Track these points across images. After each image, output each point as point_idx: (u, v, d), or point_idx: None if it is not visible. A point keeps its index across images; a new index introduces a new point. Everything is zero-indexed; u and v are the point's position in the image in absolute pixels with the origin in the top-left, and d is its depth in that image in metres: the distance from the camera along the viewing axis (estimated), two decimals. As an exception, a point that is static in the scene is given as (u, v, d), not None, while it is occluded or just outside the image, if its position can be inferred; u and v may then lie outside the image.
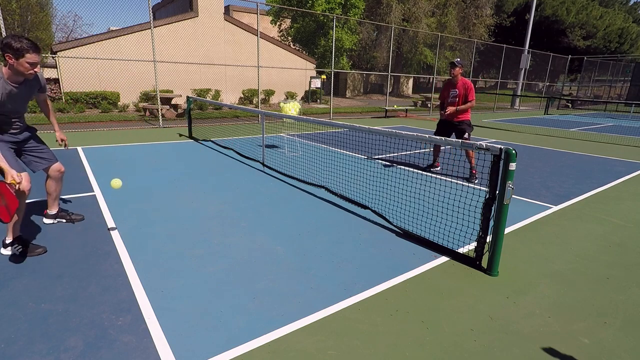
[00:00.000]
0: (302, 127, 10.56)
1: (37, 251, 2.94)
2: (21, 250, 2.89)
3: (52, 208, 3.48)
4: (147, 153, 6.75)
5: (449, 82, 5.59)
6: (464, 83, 5.39)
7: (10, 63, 2.70)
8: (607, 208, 4.52)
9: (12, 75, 2.78)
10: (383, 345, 2.05)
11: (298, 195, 4.60)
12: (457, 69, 5.38)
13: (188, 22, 15.51)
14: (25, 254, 2.88)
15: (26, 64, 2.72)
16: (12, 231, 2.88)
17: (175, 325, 2.15)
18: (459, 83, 5.44)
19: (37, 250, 2.94)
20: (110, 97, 13.55)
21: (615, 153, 8.42)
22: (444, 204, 4.33)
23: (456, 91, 5.45)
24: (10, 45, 2.64)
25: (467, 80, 5.39)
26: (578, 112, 21.87)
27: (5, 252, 2.90)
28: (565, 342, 2.13)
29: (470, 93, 5.35)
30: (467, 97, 5.38)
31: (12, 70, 2.75)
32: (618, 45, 35.86)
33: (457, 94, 5.45)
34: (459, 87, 5.43)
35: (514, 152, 2.61)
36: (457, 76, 5.43)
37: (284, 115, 5.81)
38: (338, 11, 20.71)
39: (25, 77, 2.82)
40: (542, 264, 3.06)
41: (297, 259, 2.99)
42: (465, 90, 5.37)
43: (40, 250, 2.96)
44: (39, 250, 2.95)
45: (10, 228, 2.86)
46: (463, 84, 5.39)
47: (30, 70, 2.78)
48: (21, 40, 2.68)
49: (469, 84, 5.36)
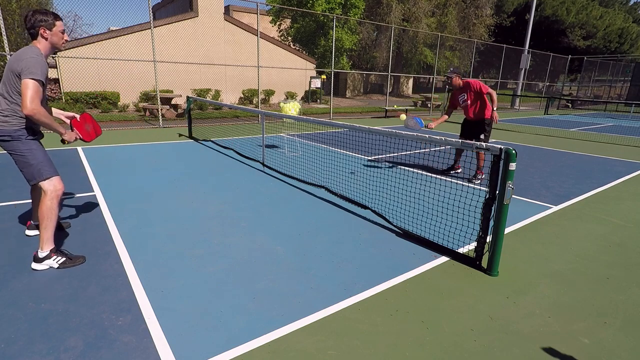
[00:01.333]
0: (302, 127, 10.55)
1: (78, 260, 2.79)
2: (62, 262, 2.71)
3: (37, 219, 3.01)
4: (147, 153, 6.75)
5: (454, 92, 5.52)
6: (468, 83, 5.34)
7: (45, 36, 2.59)
8: (607, 208, 4.52)
9: (48, 51, 2.66)
10: (383, 345, 2.05)
11: (298, 195, 4.60)
12: (455, 79, 5.36)
13: (188, 22, 15.51)
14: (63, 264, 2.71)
15: (59, 32, 2.64)
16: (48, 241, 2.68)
17: (175, 325, 2.15)
18: (463, 87, 5.40)
19: (78, 260, 2.79)
20: (110, 97, 13.55)
21: (615, 153, 8.42)
22: (444, 204, 4.33)
23: (464, 95, 5.39)
24: (42, 19, 2.54)
25: (469, 80, 5.35)
26: (578, 112, 21.86)
27: (40, 267, 2.68)
28: (565, 342, 2.13)
29: (482, 87, 5.23)
30: (481, 92, 5.23)
31: (48, 45, 2.63)
32: (618, 45, 35.86)
33: (466, 98, 5.38)
34: (465, 89, 5.39)
35: (514, 152, 2.61)
36: (458, 83, 5.39)
37: (284, 115, 5.81)
38: (338, 11, 20.70)
39: (58, 48, 2.70)
40: (542, 264, 3.06)
41: (297, 259, 2.99)
42: (474, 88, 5.27)
43: (81, 260, 2.80)
44: (79, 259, 2.80)
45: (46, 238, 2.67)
46: (468, 85, 5.34)
47: (63, 39, 2.68)
48: (45, 12, 2.60)
49: (474, 82, 5.29)
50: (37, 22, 2.55)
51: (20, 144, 2.65)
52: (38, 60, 2.51)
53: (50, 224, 2.69)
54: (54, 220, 2.70)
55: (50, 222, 2.68)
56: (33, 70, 2.46)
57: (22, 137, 2.66)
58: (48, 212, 2.66)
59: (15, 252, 2.94)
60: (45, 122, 2.57)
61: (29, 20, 2.55)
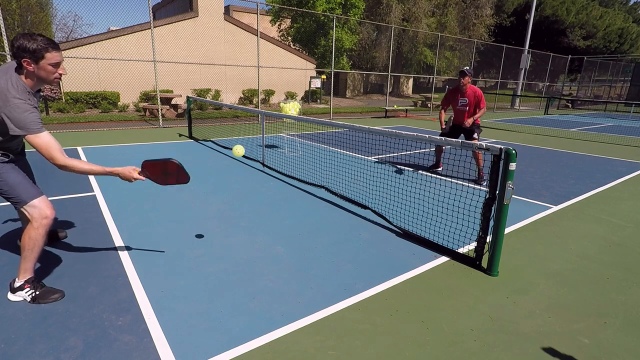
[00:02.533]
0: (302, 127, 10.55)
1: (52, 297, 2.34)
2: (35, 296, 2.31)
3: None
4: (147, 153, 6.75)
5: (457, 89, 5.50)
6: (474, 91, 5.35)
7: (29, 70, 2.12)
8: (607, 208, 4.52)
9: (35, 85, 2.20)
10: (383, 345, 2.05)
11: (298, 195, 4.60)
12: (466, 78, 5.31)
13: (188, 22, 15.51)
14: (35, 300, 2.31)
15: (48, 66, 2.14)
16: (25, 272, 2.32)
17: (175, 325, 2.15)
18: (468, 91, 5.38)
19: (52, 297, 2.35)
20: (110, 97, 13.55)
21: (615, 153, 8.42)
22: (444, 204, 4.33)
23: (466, 99, 5.39)
24: (25, 48, 2.05)
25: (476, 88, 5.36)
26: (578, 112, 21.86)
27: (15, 299, 2.33)
28: (565, 342, 2.13)
29: (482, 101, 5.34)
30: (479, 104, 5.34)
31: (33, 79, 2.17)
32: (618, 45, 35.87)
33: (467, 102, 5.39)
34: (469, 95, 5.38)
35: (514, 152, 2.61)
36: (467, 85, 5.38)
37: (284, 115, 5.81)
38: (338, 11, 20.71)
39: (48, 83, 2.24)
40: (542, 264, 3.06)
41: (297, 259, 2.99)
42: (476, 99, 5.34)
43: (56, 296, 2.36)
44: (55, 295, 2.36)
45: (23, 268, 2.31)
46: (473, 92, 5.36)
47: (56, 73, 2.20)
48: (35, 38, 2.08)
49: (479, 93, 5.34)
50: (20, 53, 2.06)
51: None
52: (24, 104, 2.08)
53: (32, 255, 2.30)
54: (37, 251, 2.30)
55: (31, 253, 2.29)
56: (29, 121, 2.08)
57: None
58: (31, 242, 2.26)
59: (16, 252, 2.94)
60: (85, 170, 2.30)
61: (12, 45, 2.09)
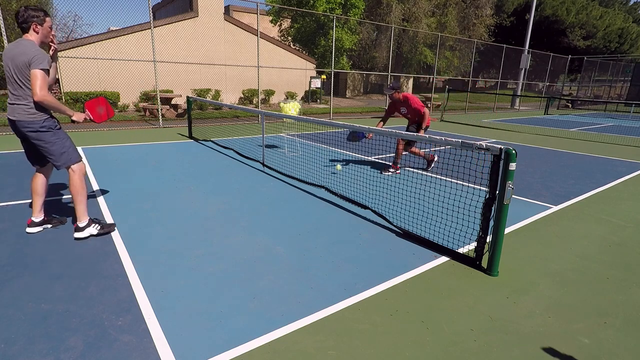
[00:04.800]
0: (302, 127, 10.55)
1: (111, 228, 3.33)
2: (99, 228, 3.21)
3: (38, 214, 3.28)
4: (147, 153, 6.75)
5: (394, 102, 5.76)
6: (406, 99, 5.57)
7: (36, 31, 2.83)
8: (607, 208, 4.52)
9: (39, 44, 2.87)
10: (383, 345, 2.05)
11: (298, 195, 4.60)
12: (394, 95, 5.56)
13: (188, 22, 15.50)
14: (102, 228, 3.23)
15: (48, 28, 2.88)
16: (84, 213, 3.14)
17: (175, 325, 2.15)
18: (403, 101, 5.62)
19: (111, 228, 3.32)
20: (110, 97, 13.55)
21: (616, 153, 8.42)
22: (444, 204, 4.33)
23: (405, 109, 5.70)
24: (33, 15, 2.79)
25: (407, 96, 5.57)
26: (578, 112, 21.86)
27: (83, 235, 3.14)
28: (565, 342, 2.13)
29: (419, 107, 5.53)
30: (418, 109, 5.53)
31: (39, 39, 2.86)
32: (618, 45, 35.85)
33: (406, 112, 5.71)
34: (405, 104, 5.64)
35: (514, 152, 2.61)
36: (399, 97, 5.60)
37: (284, 115, 5.81)
38: (338, 11, 20.71)
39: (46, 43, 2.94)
40: (542, 264, 3.06)
41: (297, 259, 2.99)
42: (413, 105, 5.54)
43: (113, 226, 3.36)
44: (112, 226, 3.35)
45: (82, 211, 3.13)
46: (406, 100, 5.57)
47: (50, 35, 2.92)
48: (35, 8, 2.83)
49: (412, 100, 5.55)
50: (30, 18, 2.81)
51: (51, 134, 2.97)
52: (41, 51, 2.79)
53: (83, 198, 3.13)
54: (84, 194, 3.14)
55: (82, 196, 3.12)
56: (41, 60, 2.74)
57: (53, 128, 2.99)
58: (79, 188, 3.10)
59: (16, 252, 2.94)
60: (55, 106, 2.87)
61: (21, 15, 2.79)
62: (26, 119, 2.87)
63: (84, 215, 3.16)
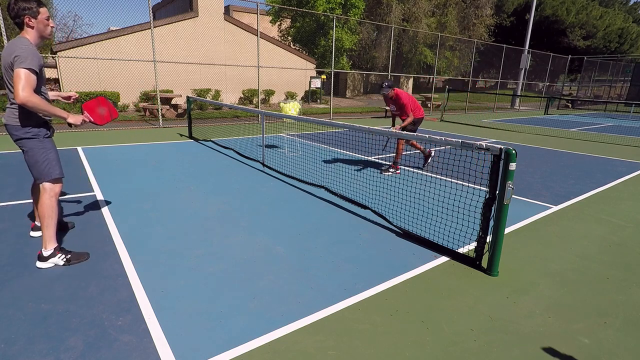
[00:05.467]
0: (302, 127, 10.55)
1: (82, 258, 2.83)
2: (67, 259, 2.75)
3: None
4: (147, 153, 6.75)
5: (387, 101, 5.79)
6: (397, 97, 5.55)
7: (30, 25, 2.52)
8: (607, 208, 4.52)
9: (37, 40, 2.57)
10: (383, 345, 2.05)
11: (298, 195, 4.60)
12: (389, 93, 5.55)
13: (188, 22, 15.50)
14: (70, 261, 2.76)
15: (44, 19, 2.55)
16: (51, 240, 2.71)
17: (175, 325, 2.15)
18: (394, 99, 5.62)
19: (82, 258, 2.83)
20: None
21: (615, 153, 8.42)
22: (444, 204, 4.33)
23: (393, 106, 5.74)
24: (24, 7, 2.46)
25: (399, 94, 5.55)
26: (578, 112, 21.86)
27: (45, 266, 2.71)
28: (565, 342, 2.13)
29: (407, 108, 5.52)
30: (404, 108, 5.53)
31: (36, 35, 2.55)
32: (618, 45, 35.84)
33: (395, 109, 5.74)
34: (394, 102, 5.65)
35: (514, 152, 2.61)
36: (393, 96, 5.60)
37: (284, 115, 5.81)
38: (338, 11, 20.70)
39: (45, 37, 2.61)
40: (542, 264, 3.06)
41: (297, 259, 2.99)
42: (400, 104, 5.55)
43: (85, 257, 2.85)
44: (84, 256, 2.85)
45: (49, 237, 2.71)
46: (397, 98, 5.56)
47: (49, 26, 2.60)
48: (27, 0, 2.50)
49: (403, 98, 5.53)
50: (21, 11, 2.49)
51: (36, 142, 2.65)
52: (29, 49, 2.46)
53: (52, 222, 2.71)
54: (54, 218, 2.72)
55: (51, 220, 2.70)
56: (23, 59, 2.42)
57: (39, 135, 2.66)
58: (48, 210, 2.68)
59: (16, 252, 2.94)
60: (43, 109, 2.51)
61: (12, 9, 2.49)
62: (12, 123, 2.60)
63: (51, 241, 2.73)
